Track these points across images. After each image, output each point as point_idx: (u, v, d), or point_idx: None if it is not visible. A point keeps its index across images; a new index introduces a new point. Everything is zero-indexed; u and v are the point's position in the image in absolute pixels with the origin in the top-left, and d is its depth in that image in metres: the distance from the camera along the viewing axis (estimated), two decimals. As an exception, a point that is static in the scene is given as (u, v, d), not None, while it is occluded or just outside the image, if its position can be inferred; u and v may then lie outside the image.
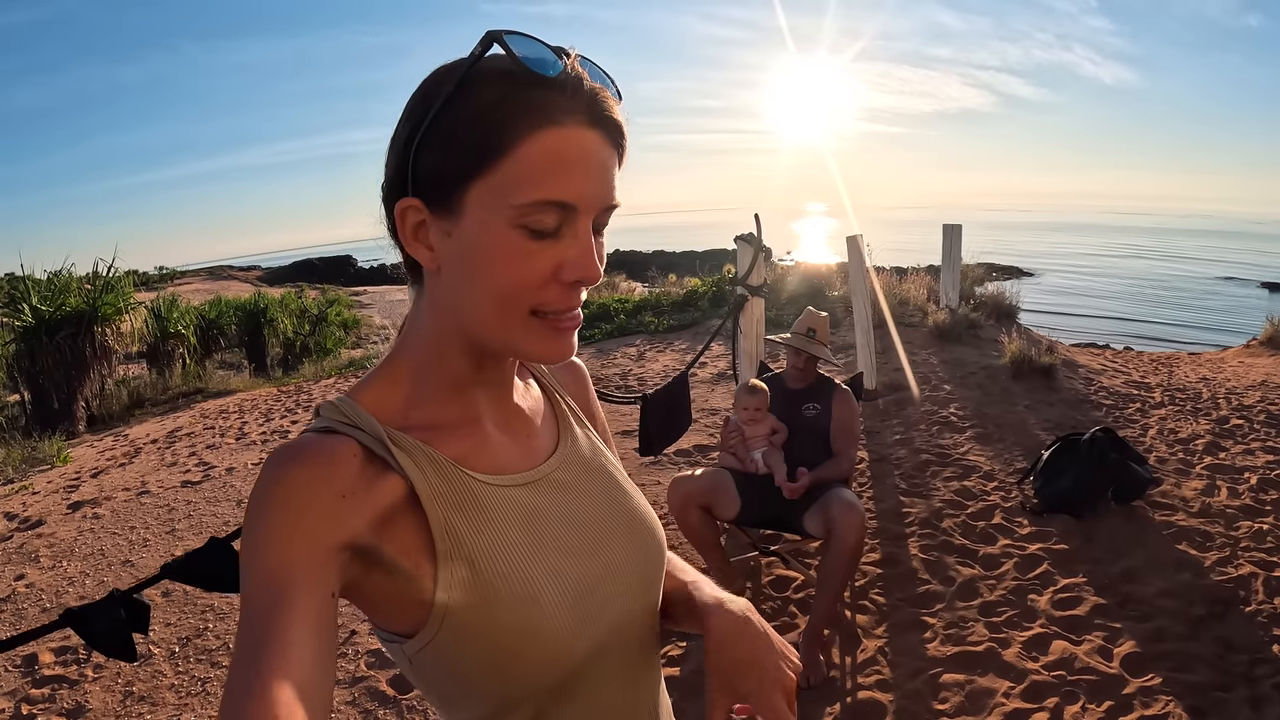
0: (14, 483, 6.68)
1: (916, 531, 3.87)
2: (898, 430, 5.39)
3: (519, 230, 0.64)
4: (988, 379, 6.42)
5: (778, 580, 3.53)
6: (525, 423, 0.82)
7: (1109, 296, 21.38)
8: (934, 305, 8.58)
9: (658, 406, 3.40)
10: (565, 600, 0.72)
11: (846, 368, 6.94)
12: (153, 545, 4.63)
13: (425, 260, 0.69)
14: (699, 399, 6.43)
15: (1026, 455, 4.75)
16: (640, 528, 0.83)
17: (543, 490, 0.77)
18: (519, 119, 0.63)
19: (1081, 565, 3.47)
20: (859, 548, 2.86)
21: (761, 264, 4.34)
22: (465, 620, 0.67)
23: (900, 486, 4.43)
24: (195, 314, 14.23)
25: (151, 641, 3.45)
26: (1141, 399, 6.13)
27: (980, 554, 3.63)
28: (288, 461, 0.63)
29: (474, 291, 0.67)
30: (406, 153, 0.67)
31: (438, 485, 0.69)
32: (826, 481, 3.12)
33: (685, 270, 16.61)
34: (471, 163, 0.64)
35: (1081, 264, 32.49)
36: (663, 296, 11.33)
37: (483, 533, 0.70)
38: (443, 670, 0.70)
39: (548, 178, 0.64)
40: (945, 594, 3.31)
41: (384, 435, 0.68)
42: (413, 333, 0.75)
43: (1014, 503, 4.13)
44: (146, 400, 10.61)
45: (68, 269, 10.67)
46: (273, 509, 0.61)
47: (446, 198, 0.66)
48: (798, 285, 10.48)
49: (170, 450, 7.10)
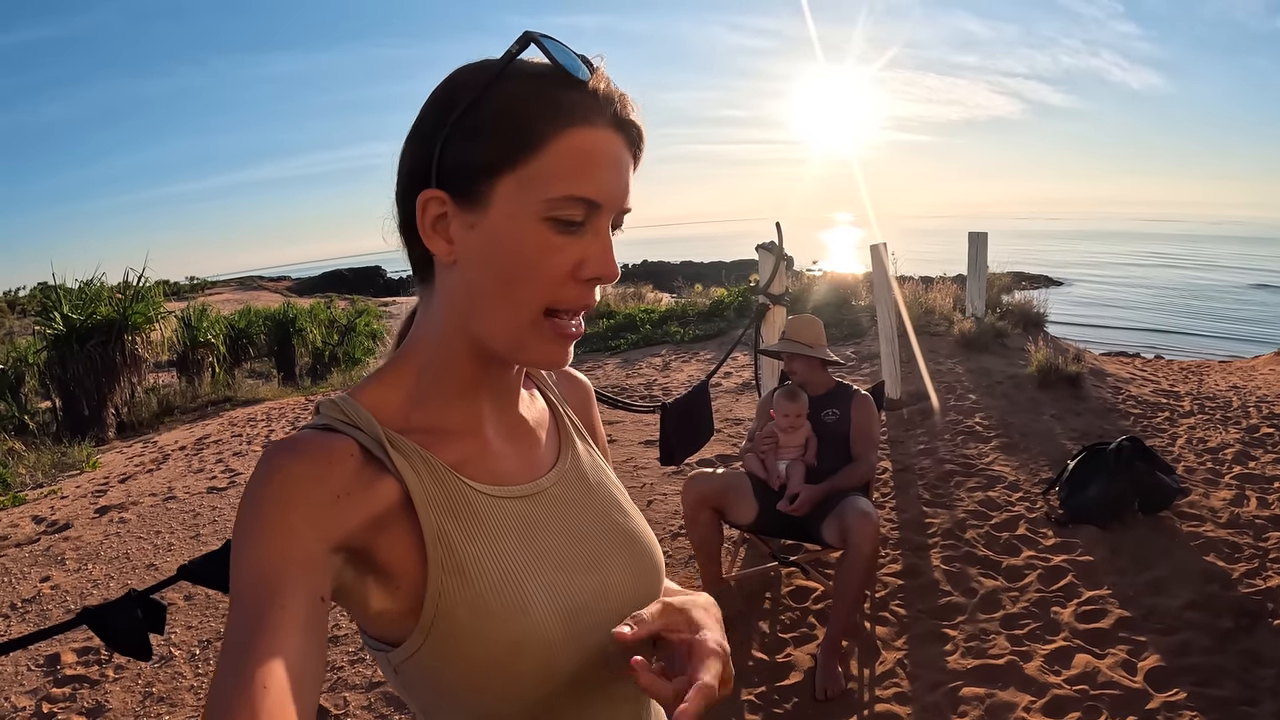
0: (44, 487, 6.80)
1: (939, 542, 3.81)
2: (922, 440, 5.32)
3: (547, 223, 0.66)
4: (1014, 388, 6.34)
5: (797, 591, 3.50)
6: (528, 434, 0.81)
7: (1138, 307, 21.03)
8: (960, 314, 8.49)
9: (679, 415, 3.39)
10: (556, 615, 0.71)
11: (870, 377, 6.89)
12: (177, 549, 4.68)
13: (442, 252, 0.69)
14: (722, 409, 6.40)
15: (1052, 465, 4.68)
16: (638, 547, 0.82)
17: (540, 504, 0.76)
18: (553, 117, 0.65)
19: (1106, 577, 3.40)
20: (874, 557, 2.82)
21: (783, 272, 4.32)
22: (453, 630, 0.66)
23: (923, 497, 4.37)
24: (225, 323, 14.40)
25: (173, 643, 3.49)
26: (1170, 408, 6.03)
27: (1003, 565, 3.57)
28: (284, 457, 0.63)
29: (494, 282, 0.67)
30: (432, 145, 0.67)
31: (433, 491, 0.68)
32: (845, 488, 3.09)
33: (712, 280, 16.56)
34: (505, 155, 0.65)
35: (1111, 274, 31.96)
36: (689, 307, 11.33)
37: (476, 541, 0.69)
38: (428, 681, 0.69)
39: (578, 174, 0.65)
40: (967, 606, 3.26)
41: (382, 436, 0.68)
42: (420, 333, 0.75)
43: (1039, 513, 4.06)
44: (176, 408, 10.73)
45: (99, 278, 10.84)
46: (266, 505, 0.60)
47: (474, 190, 0.66)
48: (824, 295, 10.42)
49: (198, 457, 7.18)
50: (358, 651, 3.29)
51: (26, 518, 5.74)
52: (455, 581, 0.67)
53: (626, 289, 14.59)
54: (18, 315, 21.56)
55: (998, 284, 9.80)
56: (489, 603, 0.67)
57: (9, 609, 4.15)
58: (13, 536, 5.33)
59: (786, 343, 3.34)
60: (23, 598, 4.26)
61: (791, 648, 3.09)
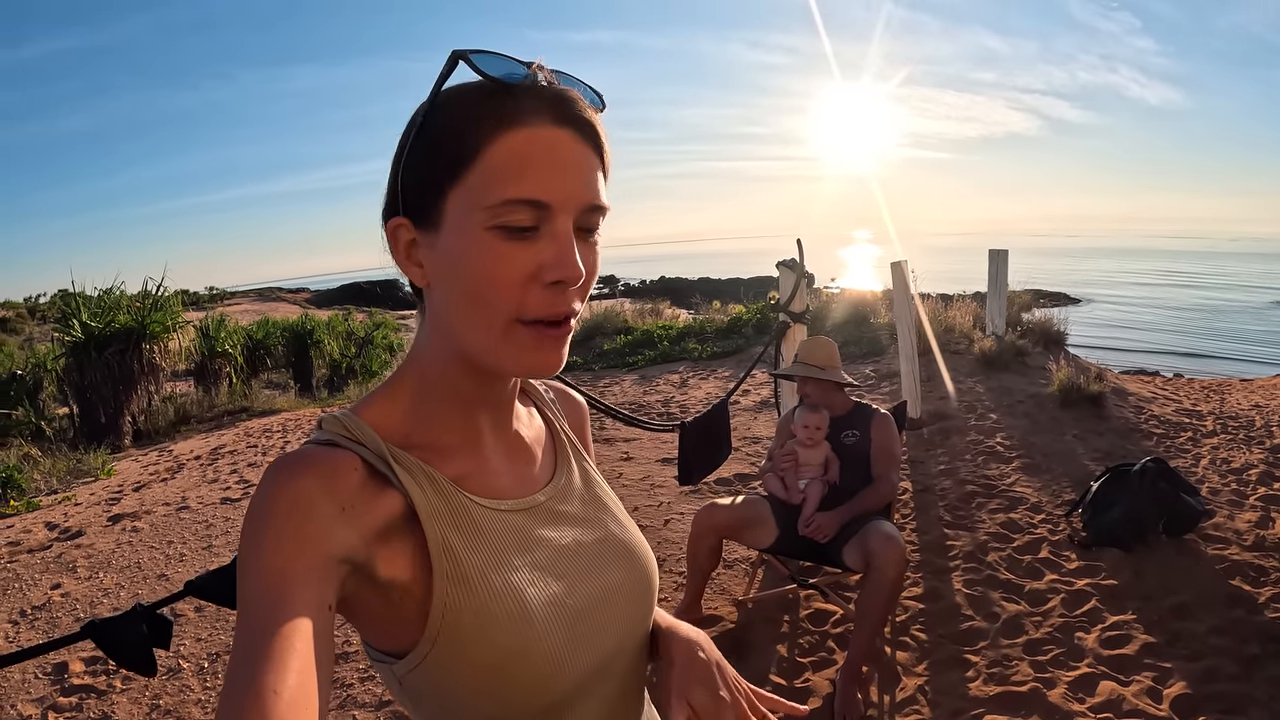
0: (58, 493, 6.81)
1: (960, 565, 3.74)
2: (942, 460, 5.24)
3: (494, 232, 0.65)
4: (1035, 408, 6.26)
5: (816, 614, 3.42)
6: (525, 450, 0.83)
7: (1156, 329, 20.77)
8: (980, 332, 8.40)
9: (697, 434, 3.33)
10: (558, 624, 0.73)
11: (891, 396, 6.81)
12: (188, 560, 4.65)
13: (417, 278, 0.71)
14: (740, 427, 6.34)
15: (1075, 486, 4.60)
16: (634, 559, 0.85)
17: (539, 517, 0.78)
18: (484, 124, 0.66)
19: (1131, 601, 3.33)
20: (899, 582, 2.75)
21: (804, 290, 4.26)
22: (459, 640, 0.68)
23: (944, 518, 4.29)
24: (243, 334, 14.46)
25: (181, 656, 3.45)
26: (1193, 427, 5.96)
27: (1026, 589, 3.49)
28: (290, 470, 0.64)
29: (458, 299, 0.68)
30: (395, 176, 0.70)
31: (436, 504, 0.70)
32: (866, 510, 3.02)
33: (730, 297, 16.50)
34: (445, 172, 0.66)
35: (1128, 293, 31.59)
36: (706, 323, 11.26)
37: (479, 553, 0.71)
38: (433, 691, 0.70)
39: (516, 177, 0.65)
40: (989, 631, 3.19)
41: (386, 451, 0.69)
42: (417, 352, 0.76)
43: (1062, 536, 3.99)
44: (192, 417, 10.76)
45: (118, 287, 10.92)
46: (273, 517, 0.61)
47: (428, 211, 0.68)
48: (843, 312, 10.35)
49: (212, 467, 7.18)
50: (367, 669, 3.24)
51: (40, 524, 5.74)
52: (460, 592, 0.68)
53: (644, 305, 14.56)
54: (38, 322, 21.79)
55: (1017, 302, 9.71)
56: (493, 612, 0.69)
57: (19, 615, 4.13)
58: (25, 543, 5.33)
59: (799, 366, 3.28)
60: (33, 604, 4.24)
61: (810, 673, 3.02)
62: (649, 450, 5.96)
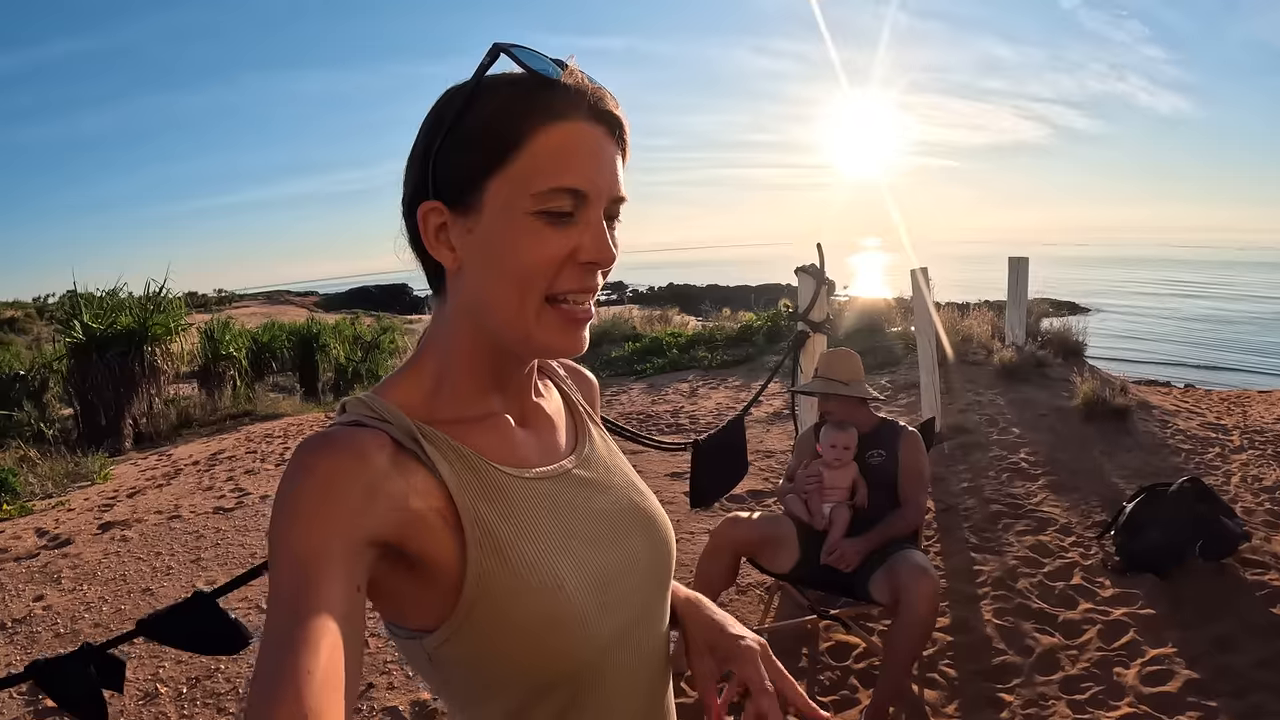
0: (53, 497, 6.66)
1: (989, 593, 3.51)
2: (965, 477, 5.01)
3: (537, 216, 0.69)
4: (1059, 421, 6.04)
5: (837, 648, 3.18)
6: (546, 421, 0.85)
7: (1165, 339, 20.45)
8: (999, 342, 8.17)
9: (711, 453, 3.10)
10: (589, 588, 0.74)
11: (908, 408, 6.58)
12: (175, 574, 4.46)
13: (447, 261, 0.73)
14: (753, 440, 6.08)
15: (1104, 505, 4.40)
16: (655, 526, 0.87)
17: (565, 484, 0.80)
18: (530, 116, 0.69)
19: (1170, 632, 3.12)
20: (931, 618, 2.51)
21: (824, 298, 4.03)
22: (493, 608, 0.69)
23: (970, 541, 4.06)
24: (248, 337, 14.29)
25: (160, 680, 3.26)
26: (1220, 443, 5.75)
27: (1060, 619, 3.28)
28: (319, 451, 0.64)
29: (496, 279, 0.71)
30: (427, 162, 0.71)
31: (465, 476, 0.71)
32: (893, 537, 2.79)
33: (739, 305, 16.30)
34: (489, 159, 0.69)
35: (1137, 303, 31.18)
36: (716, 331, 11.04)
37: (509, 521, 0.72)
38: (466, 662, 0.71)
39: (560, 166, 0.69)
40: (1023, 666, 2.97)
41: (413, 428, 0.70)
42: (436, 336, 0.78)
43: (1094, 560, 3.77)
44: (195, 420, 10.62)
45: (121, 288, 10.80)
46: (303, 498, 0.61)
47: (467, 195, 0.70)
48: (854, 320, 10.13)
49: (209, 473, 7.02)
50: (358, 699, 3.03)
51: (30, 530, 5.59)
52: (494, 562, 0.69)
53: (653, 312, 14.35)
54: (46, 322, 21.75)
55: (1035, 310, 9.46)
56: (526, 580, 0.70)
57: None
58: (13, 550, 5.18)
59: (821, 381, 3.06)
60: (14, 617, 4.09)
61: (831, 712, 2.80)
62: (657, 464, 5.72)
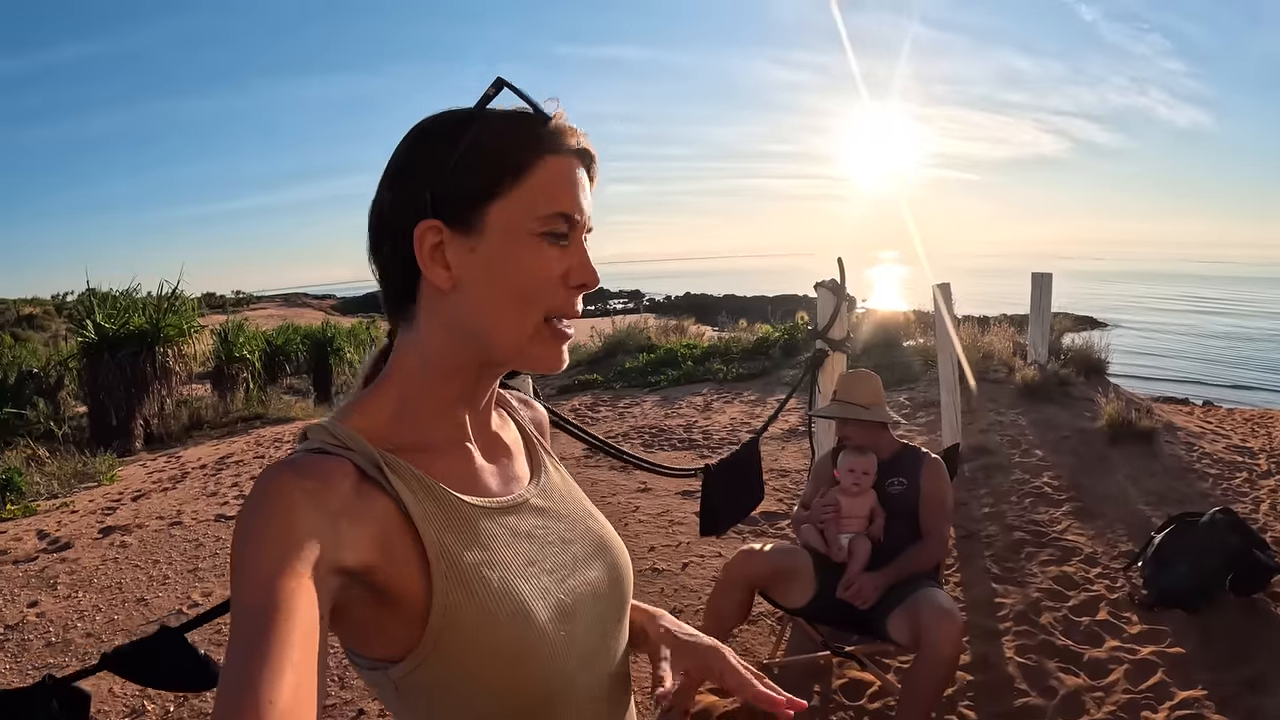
0: (58, 498, 6.61)
1: (1011, 628, 3.34)
2: (986, 502, 4.84)
3: (540, 238, 0.74)
4: (1082, 444, 5.85)
5: (851, 686, 3.03)
6: (505, 451, 0.87)
7: (1183, 356, 20.12)
8: (1020, 359, 7.97)
9: (724, 478, 2.94)
10: (554, 617, 0.75)
11: (927, 427, 6.41)
12: (172, 584, 4.37)
13: (441, 279, 0.74)
14: (768, 458, 5.90)
15: (1130, 533, 4.22)
16: (613, 553, 0.89)
17: (525, 514, 0.82)
18: (535, 147, 0.74)
19: (1200, 673, 2.95)
20: (954, 662, 2.34)
21: (844, 314, 3.86)
22: (461, 639, 0.69)
23: (992, 571, 3.89)
24: (262, 339, 14.27)
25: (147, 697, 3.17)
26: (1247, 467, 5.54)
27: (1085, 658, 3.11)
28: (282, 478, 0.64)
29: (500, 295, 0.74)
30: (423, 183, 0.73)
31: (429, 507, 0.71)
32: (914, 572, 2.63)
33: (756, 315, 16.12)
34: (494, 183, 0.73)
35: (1155, 319, 30.73)
36: (732, 343, 10.85)
37: (473, 551, 0.73)
38: (434, 691, 0.71)
39: (558, 194, 0.75)
40: (1046, 709, 2.80)
41: (377, 456, 0.70)
42: (403, 360, 0.79)
43: (1121, 593, 3.60)
44: (206, 422, 10.59)
45: (134, 288, 10.79)
46: (266, 526, 0.61)
47: (469, 216, 0.73)
48: (871, 334, 9.94)
49: (216, 478, 6.95)
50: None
51: (31, 532, 5.55)
52: (460, 593, 0.70)
53: (669, 321, 14.20)
54: (64, 319, 21.91)
55: (1056, 326, 9.23)
56: (494, 612, 0.71)
57: None
58: (12, 552, 5.13)
59: (839, 405, 2.90)
60: (6, 624, 4.05)
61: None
62: (669, 482, 5.56)
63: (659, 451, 6.64)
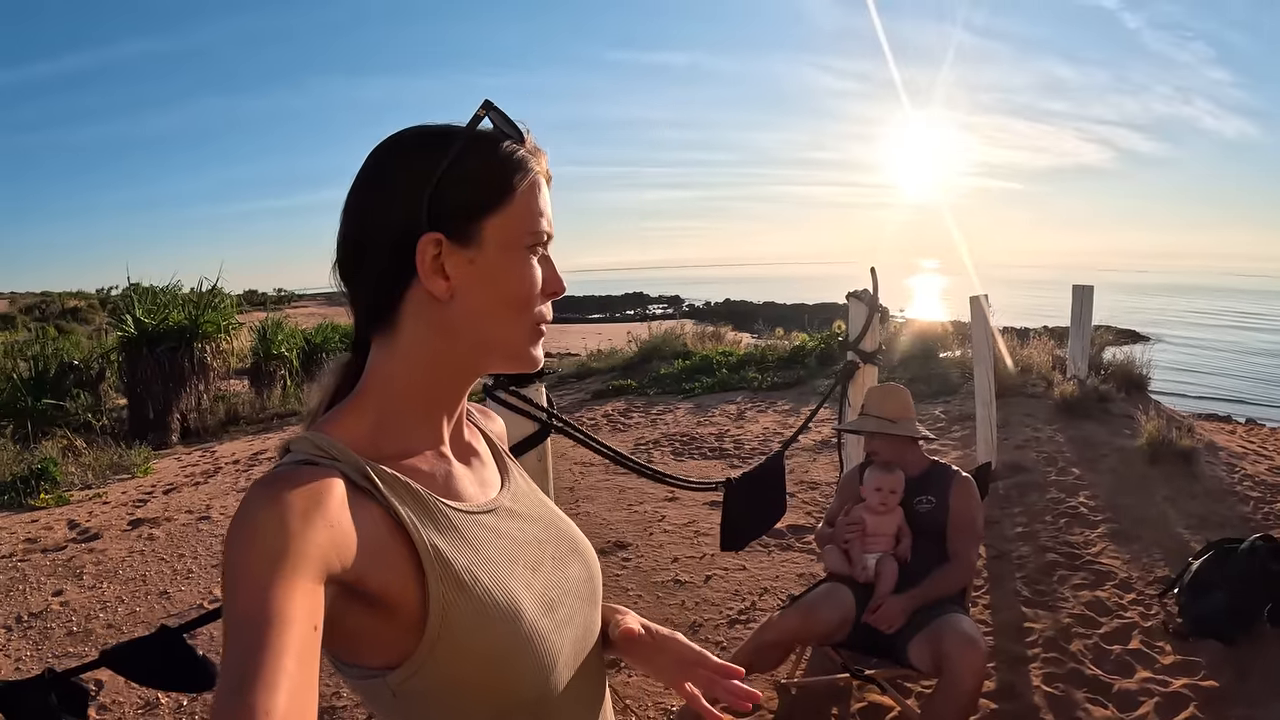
0: (91, 489, 6.71)
1: (1040, 655, 3.21)
2: (1020, 521, 4.70)
3: (530, 251, 0.80)
4: (1121, 463, 5.65)
5: (871, 709, 2.93)
6: (477, 458, 0.90)
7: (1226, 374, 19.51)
8: (1059, 374, 7.77)
9: (746, 492, 2.86)
10: (541, 613, 0.79)
11: (962, 441, 6.27)
12: (195, 578, 4.41)
13: (440, 289, 0.76)
14: (798, 469, 5.83)
15: (1167, 558, 4.04)
16: (583, 551, 0.93)
17: (502, 517, 0.84)
18: (523, 166, 0.80)
19: (1235, 709, 2.81)
20: (977, 693, 2.25)
21: (876, 326, 3.75)
22: (458, 640, 0.71)
23: (1022, 594, 3.76)
24: (301, 337, 14.40)
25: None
26: (1291, 490, 5.28)
27: (1115, 689, 2.97)
28: (274, 488, 0.64)
29: (501, 303, 0.79)
30: (418, 198, 0.75)
31: (417, 512, 0.73)
32: (940, 595, 2.54)
33: (793, 324, 15.97)
34: (491, 199, 0.77)
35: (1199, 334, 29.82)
36: (768, 351, 10.73)
37: (464, 554, 0.75)
38: (433, 694, 0.72)
39: (540, 212, 0.81)
40: (1072, 744, 2.69)
41: (364, 466, 0.71)
42: (381, 371, 0.80)
43: (1155, 622, 3.44)
44: (242, 418, 10.73)
45: (176, 284, 10.95)
46: (259, 536, 0.61)
47: (468, 230, 0.77)
48: (909, 344, 9.78)
49: (248, 473, 7.03)
50: None
51: (62, 521, 5.64)
52: (455, 594, 0.72)
53: (705, 328, 14.11)
54: (108, 313, 22.40)
55: (1097, 340, 8.99)
56: (488, 610, 0.73)
57: (14, 622, 4.01)
58: (42, 541, 5.20)
59: (866, 419, 2.81)
60: (31, 611, 4.12)
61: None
62: (697, 492, 5.51)
63: (689, 460, 6.56)
